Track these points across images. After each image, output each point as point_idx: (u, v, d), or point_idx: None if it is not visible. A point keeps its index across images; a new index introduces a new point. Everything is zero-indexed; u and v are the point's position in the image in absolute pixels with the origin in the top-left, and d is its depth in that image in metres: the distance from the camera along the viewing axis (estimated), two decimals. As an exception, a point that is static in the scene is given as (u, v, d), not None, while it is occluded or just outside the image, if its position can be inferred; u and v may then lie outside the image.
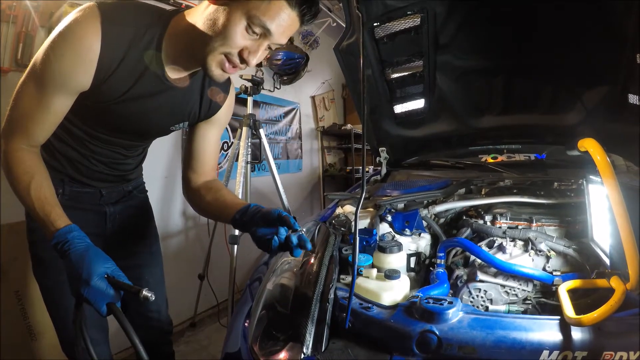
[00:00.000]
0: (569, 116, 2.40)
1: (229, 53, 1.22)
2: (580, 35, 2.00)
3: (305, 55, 4.33)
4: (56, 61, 1.18)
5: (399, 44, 2.31)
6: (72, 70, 1.20)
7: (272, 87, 4.61)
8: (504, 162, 2.81)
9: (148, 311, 1.89)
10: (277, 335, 1.34)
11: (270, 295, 1.48)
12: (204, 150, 1.64)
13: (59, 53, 1.17)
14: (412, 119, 2.77)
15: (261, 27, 1.17)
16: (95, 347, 1.63)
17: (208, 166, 1.67)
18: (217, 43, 1.20)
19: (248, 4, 1.14)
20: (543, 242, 1.61)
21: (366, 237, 1.69)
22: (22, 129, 1.25)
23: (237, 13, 1.16)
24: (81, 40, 1.17)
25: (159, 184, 3.42)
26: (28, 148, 1.28)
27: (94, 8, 1.18)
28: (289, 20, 1.20)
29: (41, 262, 1.59)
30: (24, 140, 1.26)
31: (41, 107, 1.24)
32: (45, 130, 1.30)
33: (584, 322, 1.09)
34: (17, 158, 1.25)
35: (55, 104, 1.25)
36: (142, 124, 1.49)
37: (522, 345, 1.10)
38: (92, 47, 1.18)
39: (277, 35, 1.20)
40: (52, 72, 1.19)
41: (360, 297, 1.37)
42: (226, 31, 1.17)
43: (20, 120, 1.25)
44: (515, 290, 1.52)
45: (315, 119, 6.26)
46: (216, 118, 1.61)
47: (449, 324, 1.16)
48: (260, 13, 1.15)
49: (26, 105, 1.24)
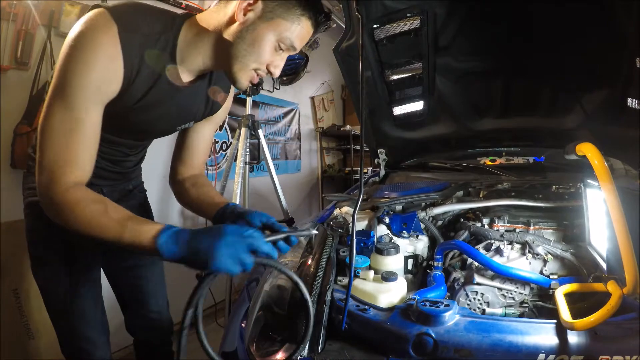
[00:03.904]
0: (568, 119, 2.40)
1: (258, 69, 1.29)
2: (580, 39, 2.00)
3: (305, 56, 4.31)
4: (86, 72, 1.11)
5: (399, 45, 2.31)
6: (103, 78, 1.15)
7: (271, 88, 4.61)
8: (502, 164, 2.81)
9: (149, 312, 1.89)
10: (274, 336, 1.35)
11: (268, 296, 1.47)
12: (197, 145, 1.66)
13: (85, 64, 1.10)
14: (411, 121, 2.77)
15: (289, 45, 1.26)
16: (97, 350, 1.64)
17: (198, 161, 1.69)
18: (249, 60, 1.25)
19: (280, 24, 1.22)
20: (540, 246, 1.62)
21: (364, 238, 1.69)
22: (66, 163, 1.13)
23: (269, 34, 1.22)
24: (105, 48, 1.13)
25: (157, 183, 3.40)
26: (78, 186, 1.14)
27: (107, 15, 1.13)
28: (307, 33, 1.29)
29: (40, 261, 1.58)
30: (71, 177, 1.13)
31: (79, 127, 1.14)
32: (90, 154, 1.19)
33: (580, 326, 1.08)
34: (75, 200, 1.11)
35: (92, 118, 1.16)
36: (151, 127, 1.49)
37: (518, 349, 1.10)
38: (116, 55, 1.15)
39: (299, 48, 1.30)
40: (82, 85, 1.11)
41: (357, 298, 1.37)
42: (259, 50, 1.24)
43: (60, 154, 1.12)
44: (512, 293, 1.52)
45: (314, 119, 6.26)
46: (215, 116, 1.63)
47: (445, 326, 1.17)
48: (293, 36, 1.24)
49: (61, 133, 1.12)
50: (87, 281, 1.62)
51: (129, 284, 1.87)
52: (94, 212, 1.10)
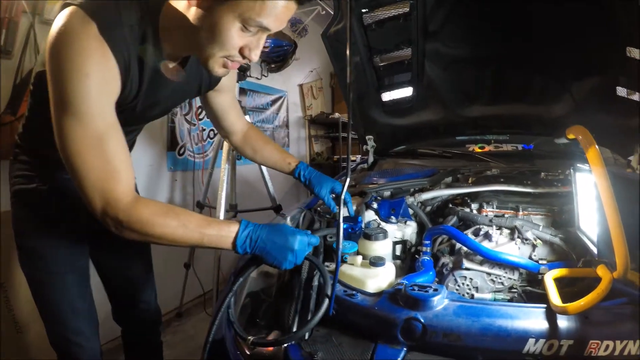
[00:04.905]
0: (557, 107, 2.40)
1: (229, 55, 1.18)
2: (571, 26, 1.99)
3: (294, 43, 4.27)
4: (84, 81, 1.05)
5: (388, 31, 2.30)
6: (103, 80, 1.09)
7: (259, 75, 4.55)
8: (491, 151, 2.81)
9: (138, 302, 1.87)
10: (261, 323, 1.34)
11: (255, 284, 1.47)
12: (226, 114, 1.78)
13: (80, 73, 1.04)
14: (400, 107, 2.75)
15: (257, 26, 1.11)
16: (86, 342, 1.62)
17: (237, 125, 1.84)
18: (215, 49, 1.15)
19: (239, 4, 1.07)
20: (529, 231, 1.61)
21: (352, 224, 1.67)
22: (109, 178, 1.10)
23: (228, 17, 1.09)
24: (92, 50, 1.06)
25: (144, 172, 3.38)
26: (139, 201, 1.14)
27: (81, 13, 1.06)
28: (285, 9, 1.12)
29: (29, 253, 1.55)
30: (121, 189, 1.11)
31: (103, 137, 1.10)
32: (125, 155, 1.16)
33: (570, 311, 1.07)
34: (147, 218, 1.12)
35: (110, 122, 1.12)
36: (148, 114, 1.46)
37: (507, 333, 1.09)
38: (106, 53, 1.08)
39: (275, 27, 1.14)
40: (87, 96, 1.06)
41: (345, 284, 1.35)
42: (222, 36, 1.12)
43: (99, 172, 1.09)
44: (501, 278, 1.51)
45: (302, 107, 6.22)
46: (221, 86, 1.64)
47: (434, 311, 1.15)
48: (255, 14, 1.08)
49: (89, 151, 1.08)
50: (74, 271, 1.59)
51: (118, 274, 1.85)
52: (171, 227, 1.14)
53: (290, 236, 1.23)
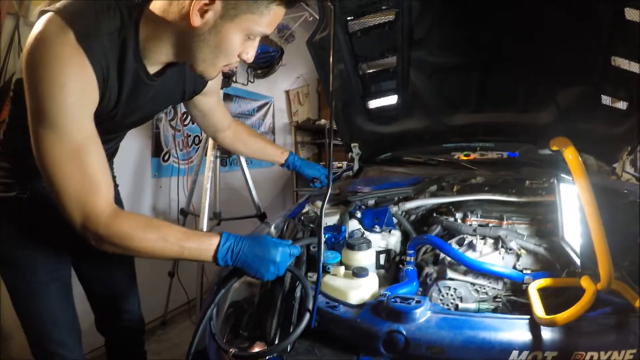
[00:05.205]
0: (542, 115, 2.42)
1: (229, 64, 1.24)
2: (555, 35, 2.00)
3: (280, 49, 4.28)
4: (62, 93, 1.03)
5: (373, 38, 2.29)
6: (81, 91, 1.07)
7: (245, 81, 4.55)
8: (476, 159, 2.81)
9: (122, 312, 1.84)
10: (244, 334, 1.32)
11: (237, 293, 1.45)
12: (213, 113, 1.80)
13: (57, 84, 1.02)
14: (385, 115, 2.75)
15: (260, 35, 1.20)
16: (69, 353, 1.59)
17: (225, 122, 1.91)
18: (218, 61, 1.21)
19: (246, 20, 1.12)
20: (513, 240, 1.60)
21: (335, 233, 1.66)
22: (89, 191, 1.10)
23: (236, 33, 1.14)
24: (69, 60, 1.04)
25: (128, 177, 3.34)
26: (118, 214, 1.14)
27: (58, 21, 1.03)
28: (282, 16, 1.20)
29: (10, 263, 1.51)
30: (101, 201, 1.11)
31: (81, 149, 1.08)
32: (104, 167, 1.15)
33: (555, 322, 1.07)
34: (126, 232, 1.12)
35: (88, 133, 1.11)
36: (128, 121, 1.44)
37: (491, 345, 1.08)
38: (83, 63, 1.06)
39: (270, 31, 1.22)
40: (64, 107, 1.04)
41: (327, 295, 1.34)
42: (227, 51, 1.18)
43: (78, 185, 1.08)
44: (486, 288, 1.50)
45: (289, 113, 6.20)
46: (207, 89, 1.64)
47: (416, 323, 1.14)
48: (263, 28, 1.16)
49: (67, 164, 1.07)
50: (56, 281, 1.56)
51: (100, 284, 1.82)
52: (151, 240, 1.14)
53: (272, 248, 1.24)
